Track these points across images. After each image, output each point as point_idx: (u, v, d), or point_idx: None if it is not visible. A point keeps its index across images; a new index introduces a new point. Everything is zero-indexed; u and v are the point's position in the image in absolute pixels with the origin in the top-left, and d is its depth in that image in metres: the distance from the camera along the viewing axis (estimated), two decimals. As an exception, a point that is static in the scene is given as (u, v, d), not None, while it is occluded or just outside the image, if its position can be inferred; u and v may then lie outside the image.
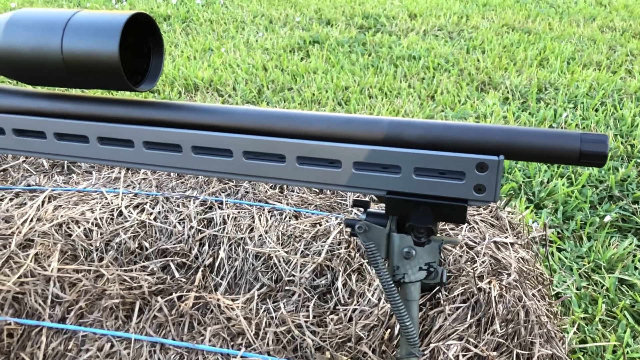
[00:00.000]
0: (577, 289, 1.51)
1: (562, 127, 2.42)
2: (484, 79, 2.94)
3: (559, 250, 1.66)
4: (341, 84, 2.82)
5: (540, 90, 2.83)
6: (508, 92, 2.79)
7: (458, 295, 0.86)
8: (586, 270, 1.59)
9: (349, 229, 1.07)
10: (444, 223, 1.17)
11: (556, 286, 1.46)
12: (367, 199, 1.30)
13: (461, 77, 2.98)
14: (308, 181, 0.69)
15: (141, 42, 0.74)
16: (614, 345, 1.28)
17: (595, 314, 1.42)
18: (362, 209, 0.71)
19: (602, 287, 1.54)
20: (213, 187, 1.17)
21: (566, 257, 1.63)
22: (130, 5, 4.46)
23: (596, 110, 2.57)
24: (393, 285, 0.66)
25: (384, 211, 0.69)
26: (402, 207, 0.64)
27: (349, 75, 2.95)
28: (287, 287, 0.97)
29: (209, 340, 0.83)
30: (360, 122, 0.65)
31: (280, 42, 3.49)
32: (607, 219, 1.77)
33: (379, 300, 0.87)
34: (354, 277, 0.94)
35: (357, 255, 0.98)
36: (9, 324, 0.81)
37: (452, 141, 0.61)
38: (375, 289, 0.89)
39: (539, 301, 0.97)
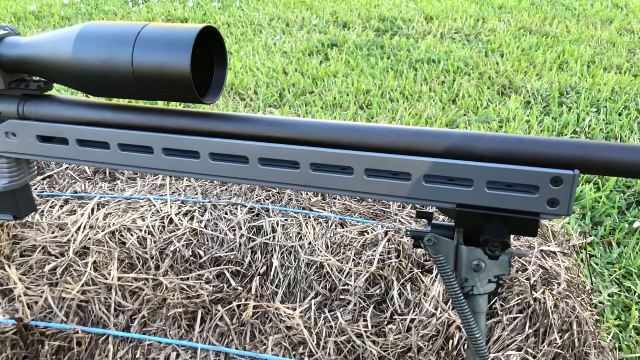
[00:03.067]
0: (609, 295, 1.50)
1: (585, 131, 2.41)
2: (505, 83, 2.93)
3: (589, 256, 1.66)
4: (362, 87, 2.82)
5: (561, 94, 2.82)
6: (529, 95, 2.79)
7: (514, 305, 0.86)
8: (617, 276, 1.59)
9: (412, 240, 1.07)
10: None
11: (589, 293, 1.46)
12: (409, 208, 1.30)
13: (481, 81, 2.98)
14: (374, 193, 0.69)
15: (205, 54, 0.75)
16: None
17: (629, 321, 1.41)
18: (425, 220, 0.71)
19: (634, 294, 1.53)
20: (258, 195, 1.17)
21: (596, 264, 1.63)
22: (147, 8, 4.48)
23: (619, 115, 2.57)
24: (462, 297, 0.66)
25: (448, 223, 0.70)
26: (473, 220, 0.65)
27: (369, 78, 2.95)
28: (341, 296, 0.97)
29: (272, 350, 0.84)
30: (431, 134, 0.65)
31: (298, 46, 3.49)
32: (637, 224, 1.77)
33: (436, 309, 0.88)
34: (408, 287, 0.94)
35: (409, 264, 0.99)
36: (77, 332, 0.82)
37: (524, 155, 0.62)
38: (432, 299, 0.89)
39: (585, 310, 0.97)
